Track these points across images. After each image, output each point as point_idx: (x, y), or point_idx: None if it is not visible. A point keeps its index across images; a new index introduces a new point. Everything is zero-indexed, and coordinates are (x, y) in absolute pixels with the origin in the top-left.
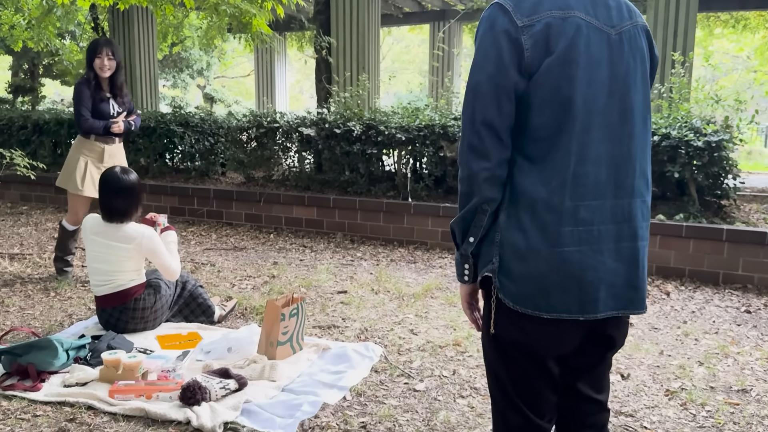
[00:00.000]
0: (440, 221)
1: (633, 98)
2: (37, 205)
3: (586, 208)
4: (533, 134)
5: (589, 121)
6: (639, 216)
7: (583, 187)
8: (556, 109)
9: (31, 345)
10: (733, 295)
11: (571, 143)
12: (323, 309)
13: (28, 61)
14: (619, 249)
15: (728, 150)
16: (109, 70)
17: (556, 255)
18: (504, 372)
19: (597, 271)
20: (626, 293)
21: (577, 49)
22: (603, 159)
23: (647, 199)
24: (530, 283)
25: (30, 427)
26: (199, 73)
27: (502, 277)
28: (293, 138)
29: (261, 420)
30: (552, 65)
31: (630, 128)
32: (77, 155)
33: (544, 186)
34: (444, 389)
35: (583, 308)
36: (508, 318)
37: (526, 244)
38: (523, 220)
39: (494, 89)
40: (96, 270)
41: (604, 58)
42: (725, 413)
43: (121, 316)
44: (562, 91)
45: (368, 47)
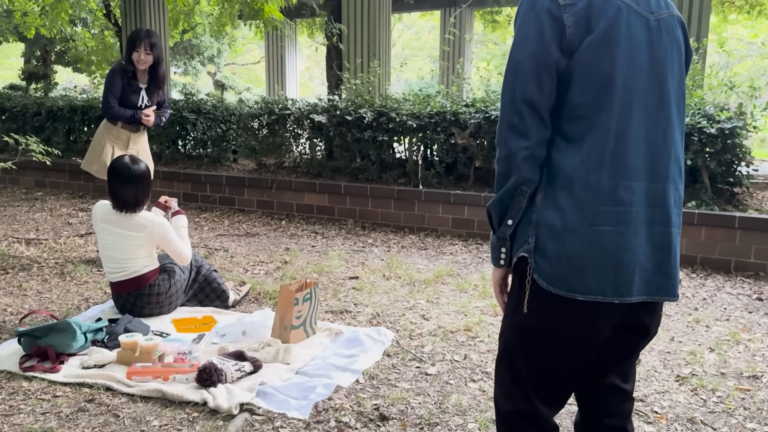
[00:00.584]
0: (451, 208)
1: (670, 84)
2: (51, 191)
3: (624, 188)
4: (572, 113)
5: (629, 100)
6: (672, 202)
7: (622, 167)
8: (596, 87)
9: (50, 327)
10: (745, 283)
11: (611, 122)
12: (335, 294)
13: (41, 48)
14: (651, 233)
15: (741, 137)
16: (145, 63)
17: (594, 234)
18: (522, 357)
19: (633, 253)
20: (657, 279)
21: (618, 29)
22: (641, 141)
23: (680, 186)
24: (566, 263)
25: (50, 407)
26: (209, 60)
27: (538, 257)
28: (304, 125)
29: (276, 401)
30: (593, 44)
31: (667, 113)
32: (103, 141)
33: (582, 164)
34: (455, 373)
35: (618, 291)
36: (541, 300)
37: (562, 223)
38: (559, 199)
39: (536, 67)
40: (108, 258)
41: (644, 41)
42: (736, 399)
43: (137, 302)
44: (603, 69)
45: (379, 34)
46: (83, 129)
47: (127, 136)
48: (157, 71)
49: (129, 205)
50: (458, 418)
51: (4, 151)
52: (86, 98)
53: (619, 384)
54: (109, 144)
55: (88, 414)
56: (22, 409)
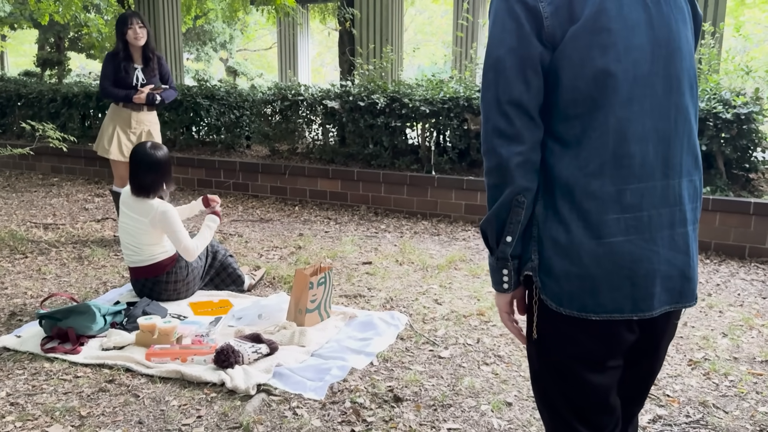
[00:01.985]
0: (464, 194)
1: (678, 65)
2: (67, 177)
3: (632, 192)
4: (564, 113)
5: (629, 92)
6: (686, 197)
7: (627, 168)
8: (588, 83)
9: (71, 310)
10: (759, 269)
11: (609, 120)
12: (349, 279)
13: (55, 35)
14: (674, 236)
15: (758, 122)
16: (142, 38)
17: (603, 247)
18: (552, 384)
19: (651, 263)
20: (679, 285)
21: (607, 13)
22: (649, 135)
23: (695, 178)
24: (575, 281)
25: (72, 387)
26: (222, 46)
27: (543, 276)
28: (317, 111)
29: (292, 382)
30: (578, 34)
31: (677, 99)
32: (108, 121)
33: (580, 170)
34: (468, 356)
35: (637, 306)
36: (552, 322)
37: (567, 237)
38: (561, 211)
39: (518, 63)
40: (124, 242)
41: (642, 20)
42: (748, 383)
43: (155, 287)
44: (594, 62)
45: (392, 19)
46: (98, 115)
47: (128, 114)
48: (147, 47)
49: (144, 189)
50: (471, 400)
51: (20, 137)
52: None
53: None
54: (111, 124)
55: (109, 394)
56: (44, 389)
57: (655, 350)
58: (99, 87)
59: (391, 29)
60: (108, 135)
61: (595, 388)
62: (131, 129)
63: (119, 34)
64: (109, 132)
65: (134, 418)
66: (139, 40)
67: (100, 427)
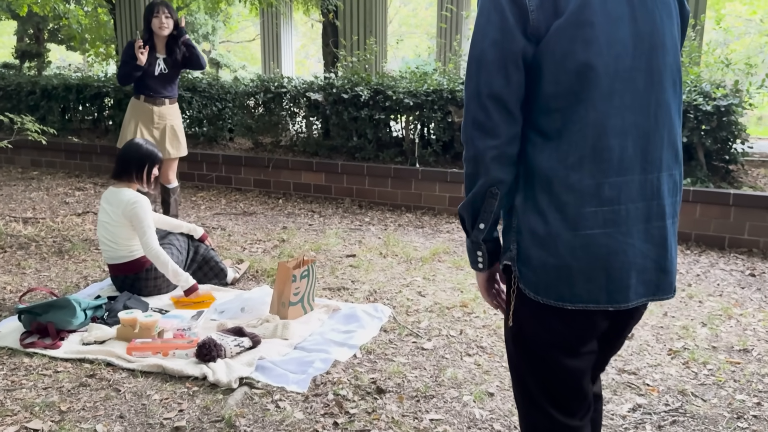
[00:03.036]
0: (448, 187)
1: (660, 60)
2: (47, 170)
3: (610, 186)
4: (546, 105)
5: (610, 87)
6: (665, 191)
7: (606, 162)
8: (570, 77)
9: (50, 304)
10: (738, 259)
11: (589, 113)
12: (333, 272)
13: (33, 26)
14: (649, 230)
15: (737, 114)
16: (167, 28)
17: (579, 239)
18: (527, 369)
19: (626, 255)
20: (655, 278)
21: (591, 7)
22: (629, 129)
23: (675, 173)
24: (552, 271)
25: (52, 382)
26: (204, 37)
27: (521, 266)
28: (301, 103)
29: (275, 375)
30: (562, 27)
31: (658, 94)
32: (129, 117)
33: (560, 163)
34: (451, 348)
35: (612, 297)
36: (530, 310)
37: (545, 228)
38: (540, 202)
39: (500, 57)
40: (101, 238)
41: (625, 15)
42: (726, 371)
43: (135, 284)
44: (576, 56)
45: (375, 10)
46: (78, 108)
47: (149, 109)
48: (176, 38)
49: (117, 174)
50: (453, 391)
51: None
52: (81, 77)
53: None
54: (133, 121)
55: (90, 389)
56: (24, 384)
57: (623, 333)
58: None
59: (375, 21)
60: (131, 131)
61: (570, 373)
62: (154, 125)
63: (145, 22)
64: (131, 128)
65: (115, 413)
66: (163, 29)
67: (81, 421)
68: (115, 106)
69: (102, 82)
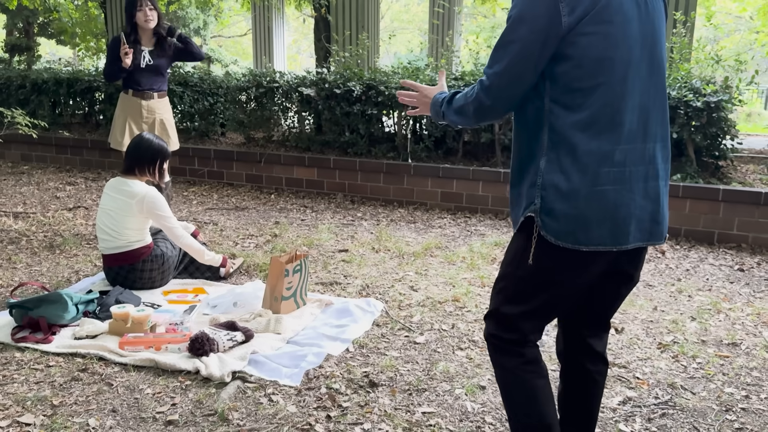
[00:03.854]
0: (440, 182)
1: (658, 53)
2: (38, 165)
3: (620, 152)
4: (569, 85)
5: (624, 73)
6: (659, 158)
7: (619, 133)
8: (593, 63)
9: (42, 299)
10: (728, 254)
11: (608, 94)
12: (325, 267)
13: (23, 20)
14: (646, 188)
15: (727, 111)
16: (152, 21)
17: (595, 193)
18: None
19: (629, 207)
20: (650, 227)
21: (611, 8)
22: (636, 108)
23: (667, 144)
24: (572, 220)
25: (44, 376)
26: (195, 32)
27: (545, 216)
28: (293, 98)
29: (268, 369)
30: (589, 23)
31: (655, 79)
32: (119, 112)
33: (583, 132)
34: (443, 342)
35: (616, 240)
36: (547, 253)
37: (567, 184)
38: (564, 163)
39: (539, 40)
40: (101, 226)
41: (635, 16)
42: (715, 365)
43: (129, 276)
44: (599, 47)
45: (368, 5)
46: (69, 102)
47: (137, 103)
48: (159, 29)
49: (128, 168)
50: (446, 384)
51: None
52: (71, 71)
53: (608, 322)
54: (122, 116)
55: (82, 383)
56: (15, 378)
57: (629, 280)
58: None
59: (367, 16)
60: (120, 127)
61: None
62: (143, 119)
63: (128, 15)
64: (120, 123)
65: (108, 407)
66: (149, 22)
67: (73, 416)
68: (106, 100)
69: (93, 76)
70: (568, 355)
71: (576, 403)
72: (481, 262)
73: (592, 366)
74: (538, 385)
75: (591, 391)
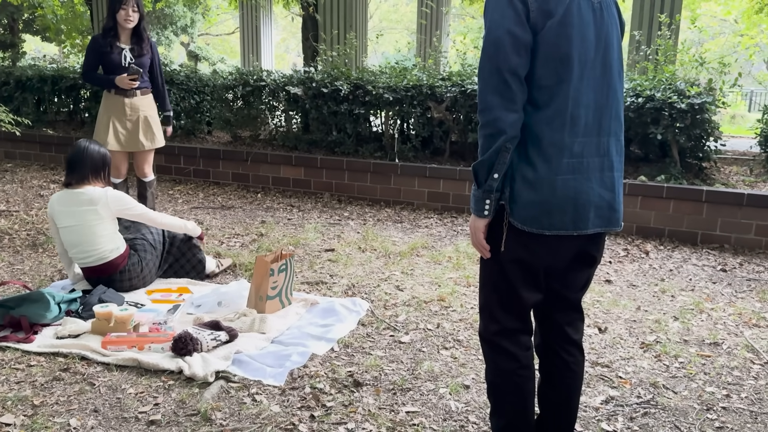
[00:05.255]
0: (427, 182)
1: (610, 55)
2: (22, 163)
3: (578, 144)
4: (537, 83)
5: (581, 72)
6: (614, 151)
7: (577, 126)
8: (557, 63)
9: (24, 298)
10: (710, 255)
11: (569, 90)
12: (311, 266)
13: (8, 16)
14: (602, 178)
15: (711, 113)
16: (132, 21)
17: (558, 182)
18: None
19: (588, 195)
20: (607, 214)
21: (572, 13)
22: (591, 104)
23: (621, 138)
24: (537, 207)
25: (25, 376)
26: (182, 30)
27: (513, 204)
28: (280, 97)
29: (252, 369)
30: (553, 26)
31: (608, 79)
32: (102, 111)
33: (547, 126)
34: (428, 341)
35: (577, 225)
36: (516, 239)
37: (534, 174)
38: (531, 155)
39: (515, 42)
40: (71, 244)
41: (591, 21)
42: (697, 364)
43: (110, 284)
44: (561, 48)
45: (356, 5)
46: (53, 99)
47: (120, 101)
48: (138, 28)
49: (81, 178)
50: (430, 384)
51: None
52: (56, 68)
53: (578, 304)
54: (106, 114)
55: (63, 383)
56: None
57: (591, 261)
58: (82, 72)
59: (356, 15)
60: (104, 126)
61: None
62: (126, 116)
63: (110, 11)
64: (104, 122)
65: (89, 407)
66: (128, 22)
67: (54, 415)
68: (91, 98)
69: (78, 73)
70: (546, 347)
71: (555, 396)
72: (467, 261)
73: (568, 356)
74: (528, 388)
75: (569, 382)
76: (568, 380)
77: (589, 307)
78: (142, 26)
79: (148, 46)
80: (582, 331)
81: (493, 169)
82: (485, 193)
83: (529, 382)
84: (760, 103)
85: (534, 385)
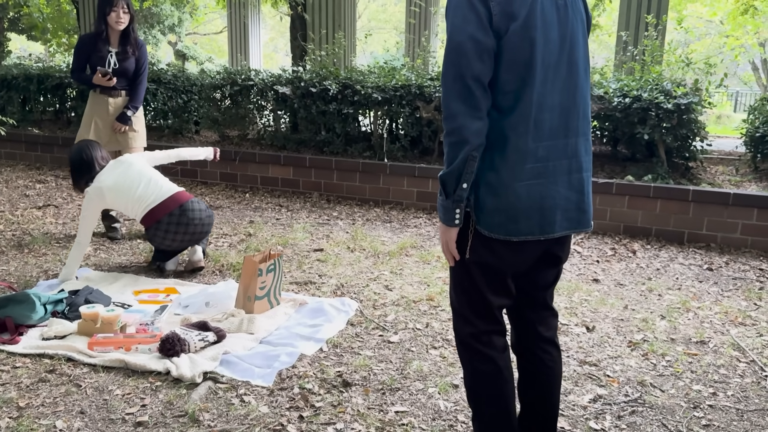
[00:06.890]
0: (416, 181)
1: (577, 54)
2: (7, 162)
3: (543, 148)
4: (502, 88)
5: (545, 75)
6: (582, 151)
7: (541, 130)
8: (520, 66)
9: (9, 299)
10: (697, 254)
11: (533, 94)
12: (300, 266)
13: None
14: (570, 180)
15: (697, 113)
16: (123, 23)
17: (522, 188)
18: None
19: (554, 199)
20: (576, 215)
21: (535, 14)
22: (556, 106)
23: (589, 137)
24: (502, 213)
25: (10, 378)
26: (170, 29)
27: (479, 212)
28: (268, 96)
29: (240, 370)
30: (516, 29)
31: (575, 79)
32: (88, 110)
33: (512, 131)
34: (417, 341)
35: (543, 230)
36: (483, 245)
37: (498, 180)
38: (495, 162)
39: (478, 47)
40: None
41: (555, 21)
42: (684, 363)
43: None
44: (524, 51)
45: (344, 4)
46: (39, 98)
47: (104, 101)
48: (128, 31)
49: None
50: (419, 383)
51: None
52: (42, 67)
53: (547, 302)
54: (90, 113)
55: (49, 384)
56: None
57: (557, 261)
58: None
59: (344, 15)
60: (86, 124)
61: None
62: (110, 115)
63: (101, 13)
64: (87, 121)
65: (76, 408)
66: (119, 24)
67: (40, 417)
68: (78, 97)
69: (64, 72)
70: (521, 346)
71: (534, 393)
72: None
73: (543, 353)
74: (507, 391)
75: (546, 378)
76: (544, 377)
77: (576, 306)
78: (132, 27)
79: (135, 48)
80: (555, 327)
81: (462, 178)
82: (455, 203)
83: (508, 385)
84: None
85: (513, 387)
